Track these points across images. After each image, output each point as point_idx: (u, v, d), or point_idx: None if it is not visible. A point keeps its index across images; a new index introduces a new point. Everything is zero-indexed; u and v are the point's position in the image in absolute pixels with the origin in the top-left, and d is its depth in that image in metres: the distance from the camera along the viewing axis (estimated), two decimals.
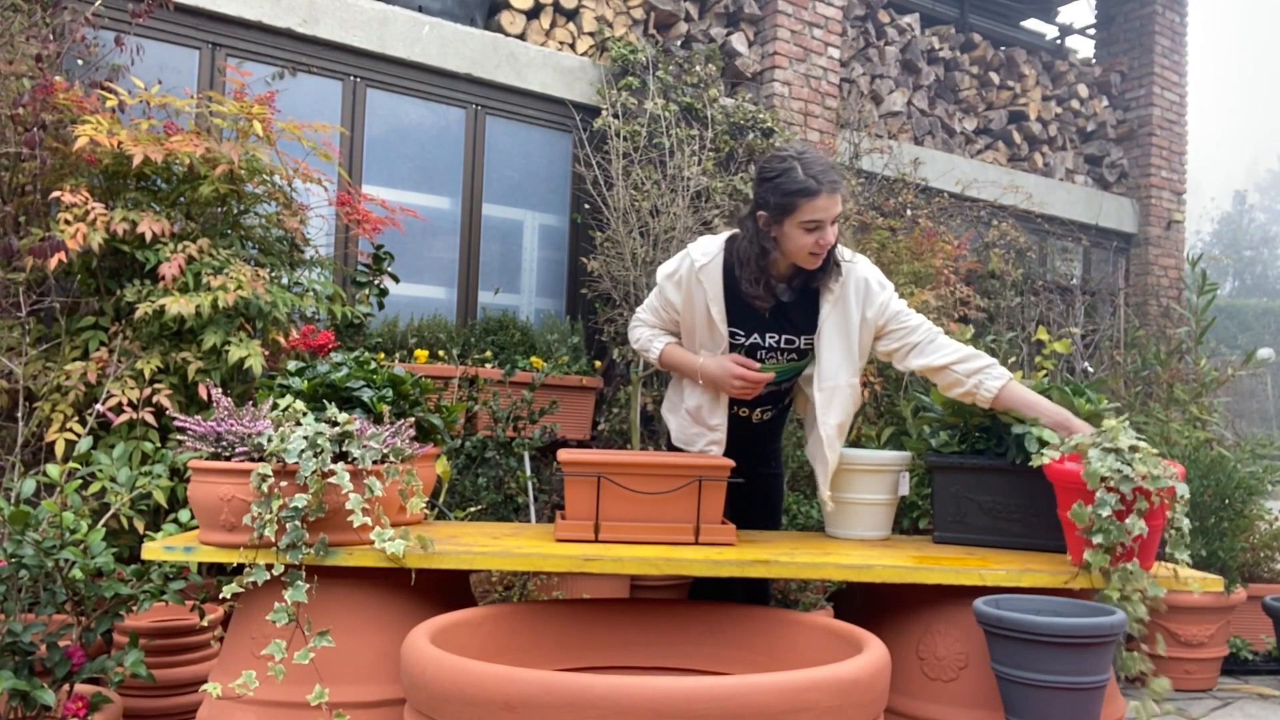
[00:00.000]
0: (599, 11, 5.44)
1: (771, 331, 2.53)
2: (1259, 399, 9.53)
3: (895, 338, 2.55)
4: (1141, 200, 7.87)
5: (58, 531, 2.33)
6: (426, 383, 2.72)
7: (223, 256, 3.24)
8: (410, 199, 4.83)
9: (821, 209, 2.34)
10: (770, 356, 2.56)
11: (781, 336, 2.54)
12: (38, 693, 2.18)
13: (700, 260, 2.50)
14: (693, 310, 2.54)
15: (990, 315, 5.96)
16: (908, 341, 2.54)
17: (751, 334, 2.54)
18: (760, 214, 2.43)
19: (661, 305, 2.63)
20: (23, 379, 3.10)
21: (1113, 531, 2.11)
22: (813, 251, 2.39)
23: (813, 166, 2.35)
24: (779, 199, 2.36)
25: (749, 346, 2.55)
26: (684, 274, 2.53)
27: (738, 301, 2.50)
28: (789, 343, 2.56)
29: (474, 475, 3.91)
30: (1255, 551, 4.63)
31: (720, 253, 2.51)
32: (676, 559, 2.24)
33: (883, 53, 6.66)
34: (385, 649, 2.17)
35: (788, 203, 2.35)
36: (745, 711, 1.59)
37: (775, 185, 2.37)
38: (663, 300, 2.61)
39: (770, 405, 2.69)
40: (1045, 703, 1.99)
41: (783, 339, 2.54)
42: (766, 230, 2.42)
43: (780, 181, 2.36)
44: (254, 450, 2.20)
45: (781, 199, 2.36)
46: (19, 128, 3.18)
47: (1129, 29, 8.05)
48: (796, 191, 2.33)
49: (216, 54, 4.35)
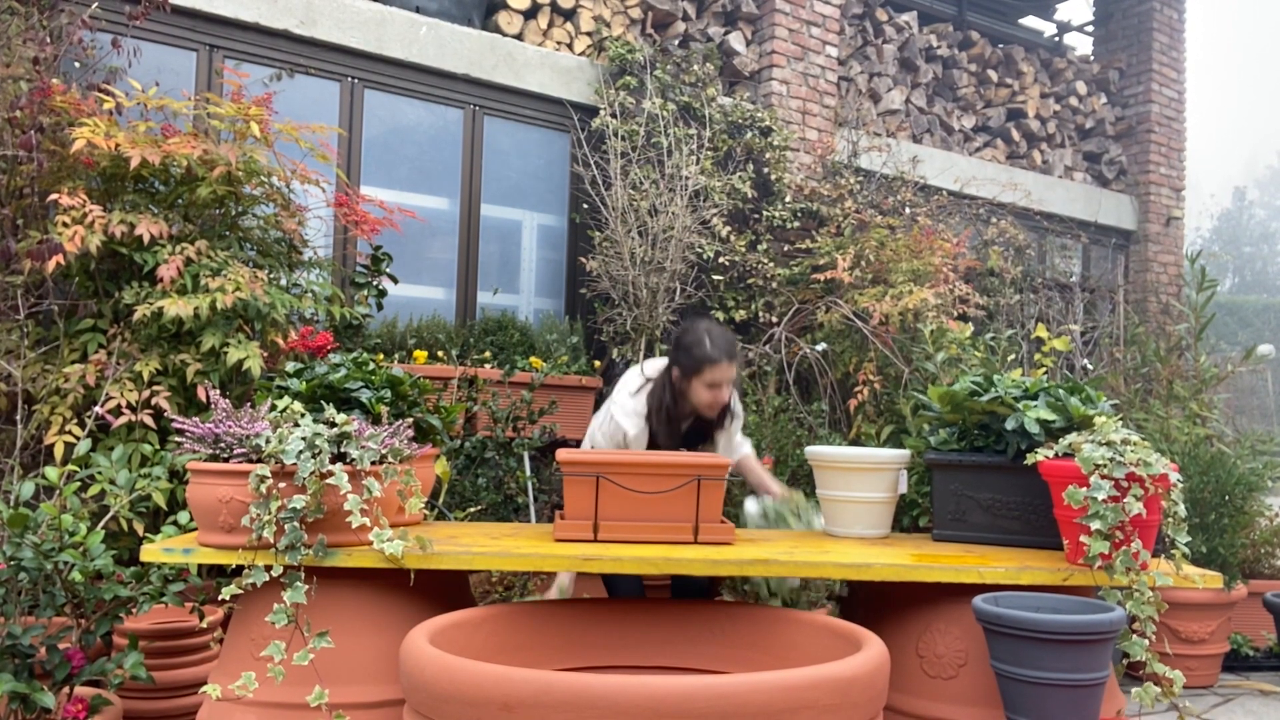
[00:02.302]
0: (596, 11, 5.44)
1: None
2: (1259, 395, 9.52)
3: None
4: (1140, 197, 7.86)
5: (57, 534, 2.33)
6: (425, 383, 2.73)
7: (221, 258, 3.24)
8: (408, 200, 4.83)
9: (720, 372, 2.84)
10: None
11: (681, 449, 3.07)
12: (38, 695, 2.18)
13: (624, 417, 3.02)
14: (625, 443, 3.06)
15: (989, 313, 5.96)
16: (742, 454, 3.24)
17: None
18: (674, 370, 2.93)
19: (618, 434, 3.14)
20: (21, 381, 3.10)
21: (1109, 516, 2.12)
22: (710, 405, 2.90)
23: (718, 341, 2.86)
24: (689, 361, 2.86)
25: None
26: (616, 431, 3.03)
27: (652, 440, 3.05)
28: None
29: (473, 476, 3.91)
30: (1256, 548, 4.63)
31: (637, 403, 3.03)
32: (675, 558, 2.24)
33: (881, 51, 6.66)
34: (384, 650, 2.17)
35: (695, 366, 2.84)
36: (744, 710, 1.59)
37: (689, 351, 2.86)
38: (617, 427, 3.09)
39: None
40: (1045, 699, 1.99)
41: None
42: (677, 384, 2.92)
43: (694, 351, 2.86)
44: (252, 451, 2.20)
45: (691, 362, 2.85)
46: (16, 130, 3.18)
47: (1127, 26, 8.05)
48: (703, 359, 2.83)
49: (214, 55, 4.35)
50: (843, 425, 4.78)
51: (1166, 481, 2.17)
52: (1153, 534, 2.23)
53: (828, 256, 4.94)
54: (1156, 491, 2.17)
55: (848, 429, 4.64)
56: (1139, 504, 2.12)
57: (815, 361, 4.75)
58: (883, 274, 4.90)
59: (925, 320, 4.46)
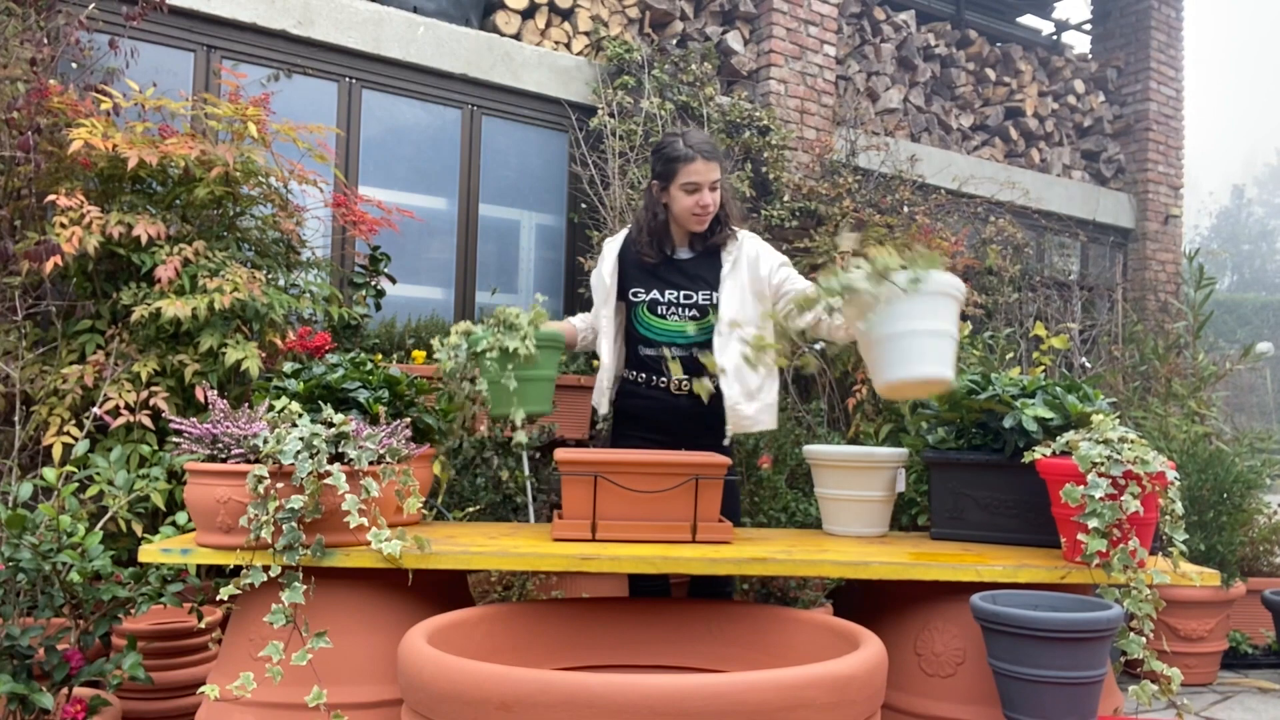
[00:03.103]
0: (594, 11, 5.44)
1: (670, 289, 2.83)
2: (1258, 393, 9.53)
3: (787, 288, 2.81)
4: (1139, 195, 7.86)
5: (55, 535, 2.33)
6: (423, 383, 2.73)
7: (219, 259, 3.24)
8: (406, 200, 4.83)
9: (696, 172, 2.71)
10: (671, 312, 2.82)
11: (680, 292, 2.82)
12: (36, 696, 2.18)
13: (608, 242, 2.96)
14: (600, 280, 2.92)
15: (988, 311, 5.96)
16: (794, 287, 2.79)
17: (651, 290, 2.84)
18: (654, 183, 2.82)
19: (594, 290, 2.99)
20: (19, 382, 3.10)
21: (1106, 513, 2.12)
22: (694, 212, 2.75)
23: (691, 138, 2.74)
24: (663, 166, 2.76)
25: (649, 302, 2.84)
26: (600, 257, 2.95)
27: (635, 265, 2.87)
28: (687, 298, 2.82)
29: (472, 475, 3.91)
30: (1254, 545, 4.63)
31: (624, 232, 2.96)
32: (674, 558, 2.24)
33: (879, 50, 6.66)
34: (383, 650, 2.17)
35: (670, 169, 2.74)
36: (742, 708, 1.59)
37: (661, 154, 2.77)
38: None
39: (687, 375, 2.78)
40: (1043, 697, 1.99)
41: (680, 294, 2.82)
42: (658, 197, 2.82)
43: (665, 151, 2.76)
44: (250, 452, 2.20)
45: (665, 165, 2.75)
46: (14, 131, 3.18)
47: (1125, 24, 8.05)
48: (676, 157, 2.72)
49: (211, 56, 4.35)
50: (841, 424, 4.78)
51: (1164, 479, 2.17)
52: (1150, 532, 2.23)
53: (826, 255, 4.94)
54: (1154, 489, 2.18)
55: (846, 427, 4.64)
56: (1136, 502, 2.12)
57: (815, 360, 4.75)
58: None
59: None
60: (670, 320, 2.81)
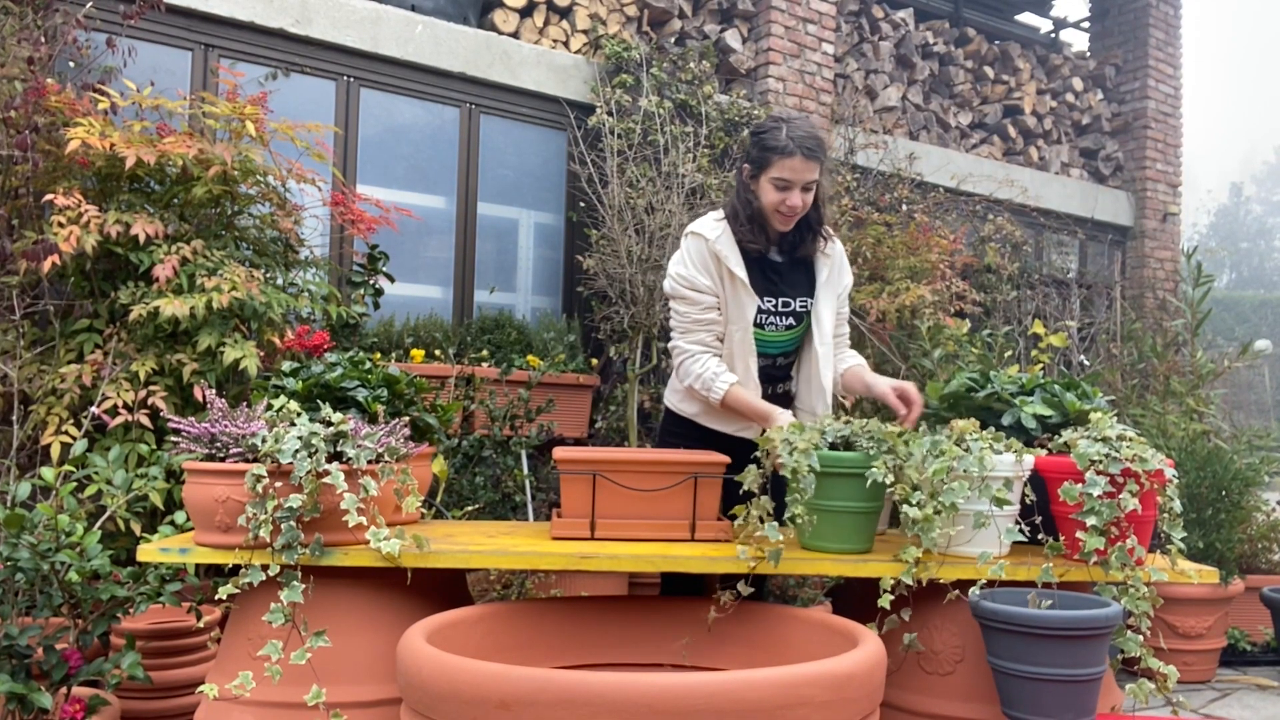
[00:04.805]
0: (592, 9, 5.44)
1: (768, 296, 2.59)
2: (1256, 391, 9.54)
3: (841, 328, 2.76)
4: (1137, 193, 7.87)
5: (54, 534, 2.33)
6: (421, 382, 2.72)
7: (217, 258, 3.24)
8: (405, 198, 4.82)
9: (790, 169, 2.45)
10: (770, 323, 2.61)
11: (778, 300, 2.60)
12: (35, 696, 2.18)
13: (711, 234, 2.58)
14: (721, 285, 2.57)
15: (986, 309, 5.97)
16: (843, 332, 2.78)
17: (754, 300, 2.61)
18: (745, 167, 2.57)
19: (697, 308, 2.59)
20: (17, 382, 3.09)
21: (1104, 511, 2.12)
22: (780, 211, 2.51)
23: (796, 129, 2.46)
24: (758, 153, 2.51)
25: None
26: (705, 254, 2.57)
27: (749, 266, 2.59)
28: (785, 305, 2.62)
29: (471, 474, 3.91)
30: (1253, 543, 4.64)
31: (723, 223, 2.60)
32: (672, 556, 2.24)
33: (877, 48, 6.66)
34: (382, 649, 2.17)
35: (764, 158, 2.49)
36: (741, 706, 1.59)
37: (759, 140, 2.51)
38: (694, 297, 2.58)
39: (780, 381, 2.70)
40: (1041, 694, 1.99)
41: (779, 302, 2.61)
42: (748, 183, 2.56)
43: (764, 137, 2.50)
44: (248, 451, 2.20)
45: (760, 153, 2.50)
46: (11, 131, 3.17)
47: (1123, 22, 8.05)
48: (773, 148, 2.47)
49: (209, 55, 4.34)
50: None
51: (1162, 477, 2.17)
52: (1148, 529, 2.23)
53: None
54: (1152, 487, 2.18)
55: None
56: (1134, 499, 2.13)
57: None
58: (880, 271, 4.91)
59: (922, 317, 4.47)
60: (768, 331, 2.62)
